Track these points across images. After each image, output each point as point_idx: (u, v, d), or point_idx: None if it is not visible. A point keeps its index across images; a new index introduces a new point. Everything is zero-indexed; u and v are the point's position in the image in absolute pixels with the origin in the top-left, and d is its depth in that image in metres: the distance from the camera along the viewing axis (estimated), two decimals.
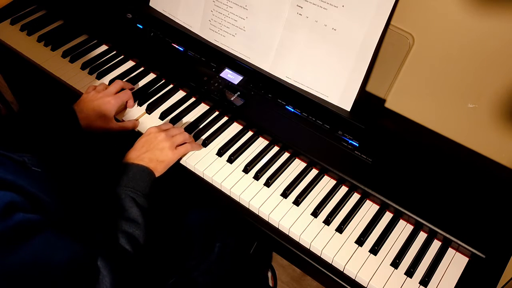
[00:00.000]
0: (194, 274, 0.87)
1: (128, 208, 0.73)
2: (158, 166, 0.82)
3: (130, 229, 0.71)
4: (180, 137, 0.86)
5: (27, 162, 0.65)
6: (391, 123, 0.96)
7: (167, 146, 0.83)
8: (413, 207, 0.80)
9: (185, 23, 1.10)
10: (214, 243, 0.92)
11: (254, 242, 1.20)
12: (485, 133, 0.87)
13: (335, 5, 0.87)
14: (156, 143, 0.83)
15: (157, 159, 0.82)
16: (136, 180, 0.77)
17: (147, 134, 0.85)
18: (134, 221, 0.73)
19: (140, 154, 0.82)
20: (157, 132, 0.85)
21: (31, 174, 0.63)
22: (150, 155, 0.82)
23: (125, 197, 0.74)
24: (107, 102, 0.90)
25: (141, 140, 0.84)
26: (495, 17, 0.75)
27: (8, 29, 1.13)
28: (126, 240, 0.70)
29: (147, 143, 0.84)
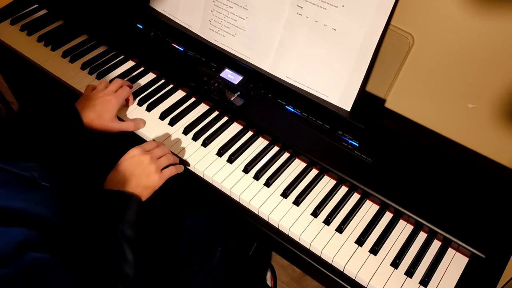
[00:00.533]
0: (196, 278, 0.87)
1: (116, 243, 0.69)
2: (144, 192, 0.77)
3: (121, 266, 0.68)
4: (165, 160, 0.82)
5: (36, 177, 0.63)
6: (391, 123, 0.96)
7: (153, 170, 0.78)
8: (413, 207, 0.80)
9: (185, 23, 1.10)
10: (215, 247, 0.92)
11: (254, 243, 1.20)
12: (485, 133, 0.87)
13: (335, 5, 0.87)
14: (141, 167, 0.78)
15: (143, 185, 0.77)
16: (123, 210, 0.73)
17: (130, 157, 0.79)
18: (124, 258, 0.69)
19: (125, 178, 0.76)
20: (142, 155, 0.79)
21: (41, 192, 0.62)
22: (136, 181, 0.76)
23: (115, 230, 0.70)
24: (108, 101, 0.88)
25: (124, 164, 0.78)
26: (495, 17, 0.75)
27: (8, 29, 1.13)
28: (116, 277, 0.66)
29: (132, 167, 0.78)
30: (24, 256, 0.52)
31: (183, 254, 0.89)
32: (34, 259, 0.53)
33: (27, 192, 0.60)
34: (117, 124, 0.90)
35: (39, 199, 0.61)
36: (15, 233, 0.54)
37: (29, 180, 0.62)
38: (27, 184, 0.62)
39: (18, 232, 0.54)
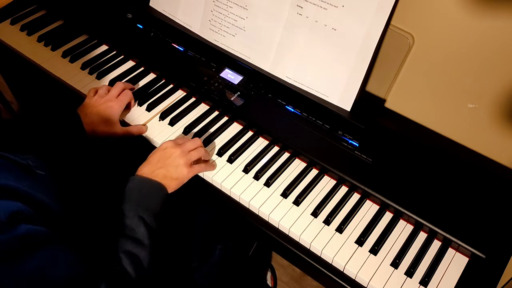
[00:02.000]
0: (196, 276, 0.87)
1: (135, 227, 0.70)
2: (171, 183, 0.78)
3: (135, 250, 0.68)
4: (196, 154, 0.83)
5: (31, 165, 0.64)
6: (391, 123, 0.96)
7: (182, 163, 0.79)
8: (413, 207, 0.80)
9: (185, 23, 1.10)
10: (215, 245, 0.92)
11: (254, 243, 1.20)
12: (485, 133, 0.87)
13: (335, 5, 0.87)
14: (171, 159, 0.79)
15: (171, 176, 0.78)
16: (147, 197, 0.74)
17: (162, 148, 0.82)
18: (140, 242, 0.69)
19: (155, 169, 0.78)
20: (173, 148, 0.81)
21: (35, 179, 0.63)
22: (164, 172, 0.78)
23: (134, 215, 0.71)
24: (110, 107, 0.89)
25: (156, 155, 0.81)
26: (495, 17, 0.75)
27: (8, 29, 1.13)
28: (129, 261, 0.66)
29: (162, 158, 0.80)
30: (18, 226, 0.52)
31: (183, 252, 0.89)
32: (28, 230, 0.53)
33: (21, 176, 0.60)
34: (120, 129, 0.90)
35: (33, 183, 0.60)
36: (8, 204, 0.54)
37: (24, 167, 0.62)
38: (22, 170, 0.62)
39: (10, 204, 0.54)
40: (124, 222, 0.70)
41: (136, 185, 0.76)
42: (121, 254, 0.66)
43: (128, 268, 0.66)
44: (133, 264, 0.67)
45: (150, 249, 0.70)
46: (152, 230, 0.72)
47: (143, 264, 0.68)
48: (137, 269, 0.67)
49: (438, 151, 0.90)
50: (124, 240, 0.68)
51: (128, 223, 0.70)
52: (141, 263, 0.68)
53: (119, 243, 0.68)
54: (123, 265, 0.66)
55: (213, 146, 0.91)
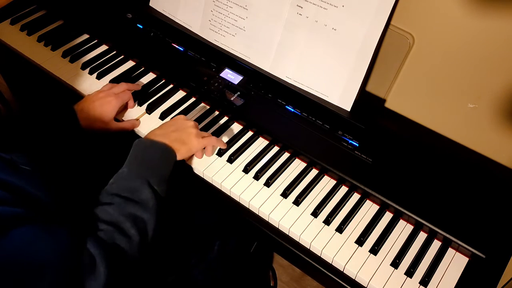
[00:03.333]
0: (194, 273, 0.88)
1: (139, 189, 0.66)
2: (181, 147, 0.80)
3: (138, 212, 0.64)
4: (207, 133, 0.87)
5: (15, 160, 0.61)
6: (391, 123, 0.96)
7: (194, 132, 0.83)
8: (413, 207, 0.80)
9: (185, 23, 1.10)
10: (214, 242, 0.92)
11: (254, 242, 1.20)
12: (485, 133, 0.87)
13: (335, 5, 0.87)
14: (184, 126, 0.83)
15: (182, 140, 0.81)
16: (155, 159, 0.73)
17: (176, 118, 0.86)
18: (144, 204, 0.65)
19: (167, 132, 0.81)
20: (186, 120, 0.86)
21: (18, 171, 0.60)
22: (176, 135, 0.81)
23: (137, 177, 0.68)
24: (108, 102, 0.89)
25: (170, 121, 0.85)
26: (495, 17, 0.75)
27: (8, 29, 1.13)
28: (131, 223, 0.62)
29: (176, 123, 0.84)
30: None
31: (182, 249, 0.89)
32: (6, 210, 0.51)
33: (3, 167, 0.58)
34: (115, 124, 0.91)
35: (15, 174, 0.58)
36: None
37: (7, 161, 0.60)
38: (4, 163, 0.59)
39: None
40: (125, 184, 0.67)
41: (142, 146, 0.74)
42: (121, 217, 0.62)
43: (131, 231, 0.62)
44: (137, 226, 0.63)
45: (155, 213, 0.66)
46: (158, 194, 0.68)
47: (147, 228, 0.64)
48: (141, 232, 0.63)
49: (438, 151, 0.90)
50: (125, 203, 0.64)
51: (131, 185, 0.67)
52: (145, 226, 0.64)
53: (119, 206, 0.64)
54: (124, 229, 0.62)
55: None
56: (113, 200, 0.65)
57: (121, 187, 0.67)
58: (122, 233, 0.62)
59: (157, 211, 0.67)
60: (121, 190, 0.67)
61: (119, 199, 0.65)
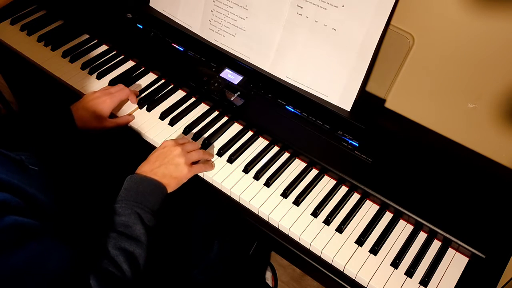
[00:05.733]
0: (194, 273, 0.88)
1: (132, 224, 0.69)
2: (171, 182, 0.78)
3: (131, 248, 0.67)
4: (196, 155, 0.83)
5: (25, 161, 0.63)
6: (391, 123, 0.96)
7: (182, 162, 0.80)
8: (413, 207, 0.80)
9: (185, 23, 1.10)
10: (213, 243, 0.92)
11: (254, 242, 1.20)
12: (485, 133, 0.87)
13: (335, 5, 0.87)
14: (171, 157, 0.80)
15: (170, 175, 0.78)
16: (146, 195, 0.74)
17: (163, 147, 0.82)
18: (136, 239, 0.68)
19: (154, 168, 0.78)
20: (173, 146, 0.81)
21: (28, 173, 0.62)
22: (164, 170, 0.78)
23: (131, 213, 0.70)
24: (102, 102, 0.90)
25: (156, 153, 0.81)
26: (495, 17, 0.75)
27: (8, 29, 1.13)
28: (124, 258, 0.66)
29: (162, 156, 0.80)
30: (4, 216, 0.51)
31: (182, 250, 0.89)
32: (16, 221, 0.52)
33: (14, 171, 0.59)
34: (109, 122, 0.91)
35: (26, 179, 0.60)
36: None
37: (18, 162, 0.62)
38: (14, 164, 0.61)
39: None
40: (120, 219, 0.70)
41: (134, 183, 0.75)
42: (116, 250, 0.66)
43: (124, 265, 0.65)
44: (129, 261, 0.66)
45: (146, 247, 0.69)
46: (149, 228, 0.71)
47: (139, 262, 0.68)
48: (132, 266, 0.66)
49: (438, 151, 0.90)
50: (120, 237, 0.67)
51: (124, 220, 0.69)
52: (137, 261, 0.67)
53: (113, 240, 0.67)
54: (117, 262, 0.65)
55: (213, 146, 0.91)
56: (109, 233, 0.68)
57: (116, 222, 0.70)
58: (116, 266, 0.65)
59: (149, 244, 0.70)
60: (116, 225, 0.69)
61: (114, 233, 0.68)
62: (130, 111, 0.96)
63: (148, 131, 0.93)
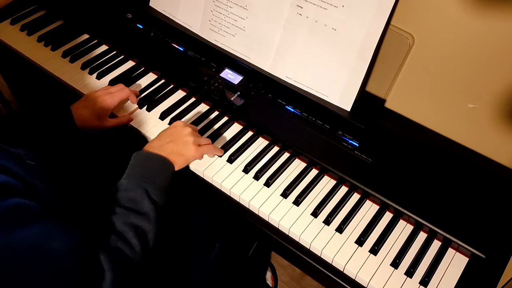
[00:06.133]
0: (194, 275, 0.88)
1: (140, 199, 0.69)
2: (178, 159, 0.80)
3: (140, 223, 0.67)
4: (204, 139, 0.86)
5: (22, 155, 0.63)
6: (391, 123, 0.96)
7: (191, 141, 0.82)
8: (413, 207, 0.80)
9: (185, 23, 1.10)
10: (214, 243, 0.92)
11: (254, 243, 1.20)
12: (485, 133, 0.87)
13: (335, 5, 0.87)
14: (181, 135, 0.82)
15: (179, 152, 0.80)
16: (152, 170, 0.74)
17: (174, 126, 0.84)
18: (145, 214, 0.68)
19: (163, 143, 0.80)
20: (184, 126, 0.84)
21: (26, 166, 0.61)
22: (172, 146, 0.80)
23: (137, 188, 0.70)
24: (103, 101, 0.90)
25: (167, 131, 0.83)
26: (495, 17, 0.75)
27: (8, 29, 1.13)
28: (133, 233, 0.65)
29: (172, 134, 0.82)
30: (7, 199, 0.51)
31: (182, 252, 0.89)
32: (19, 203, 0.52)
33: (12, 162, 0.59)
34: (109, 122, 0.91)
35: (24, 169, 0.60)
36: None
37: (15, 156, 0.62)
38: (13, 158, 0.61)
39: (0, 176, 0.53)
40: (128, 194, 0.69)
41: (141, 159, 0.75)
42: (125, 226, 0.65)
43: (133, 240, 0.65)
44: (138, 236, 0.65)
45: (155, 223, 0.69)
46: (157, 204, 0.71)
47: (148, 237, 0.67)
48: (142, 242, 0.66)
49: (438, 151, 0.90)
50: (128, 213, 0.67)
51: (132, 195, 0.69)
52: (146, 236, 0.67)
53: (121, 216, 0.66)
54: (127, 238, 0.65)
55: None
56: (116, 209, 0.68)
57: (123, 198, 0.69)
58: (125, 242, 0.64)
59: (157, 221, 0.70)
60: (123, 201, 0.69)
61: (121, 209, 0.68)
62: (130, 111, 0.96)
63: (148, 131, 0.93)
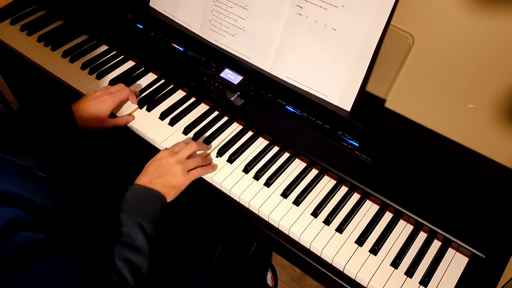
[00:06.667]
0: (195, 278, 0.87)
1: (134, 235, 0.70)
2: (170, 191, 0.79)
3: (134, 258, 0.68)
4: (193, 162, 0.84)
5: (33, 167, 0.64)
6: (391, 123, 0.96)
7: (179, 171, 0.80)
8: (413, 207, 0.80)
9: (185, 23, 1.10)
10: (215, 246, 0.92)
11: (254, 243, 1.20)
12: (485, 133, 0.87)
13: (335, 5, 0.87)
14: (168, 168, 0.80)
15: (169, 184, 0.79)
16: (146, 206, 0.75)
17: (159, 158, 0.82)
18: (139, 249, 0.69)
19: (152, 179, 0.79)
20: (169, 157, 0.82)
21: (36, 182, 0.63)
22: (162, 180, 0.79)
23: (132, 223, 0.71)
24: (103, 101, 0.90)
25: (152, 164, 0.82)
26: (495, 17, 0.75)
27: (8, 29, 1.13)
28: (128, 269, 0.67)
29: (159, 167, 0.81)
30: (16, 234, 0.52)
31: (183, 254, 0.89)
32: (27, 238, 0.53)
33: (22, 180, 0.60)
34: (109, 121, 0.92)
35: (35, 188, 0.61)
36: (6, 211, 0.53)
37: (25, 169, 0.63)
38: (23, 173, 0.62)
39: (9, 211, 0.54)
40: (122, 230, 0.70)
41: (134, 194, 0.76)
42: (120, 262, 0.67)
43: (128, 276, 0.66)
44: (132, 272, 0.67)
45: (149, 256, 0.70)
46: (151, 237, 0.72)
47: (142, 271, 0.69)
48: (136, 277, 0.67)
49: (438, 151, 0.90)
50: (123, 248, 0.68)
51: (126, 231, 0.70)
52: (140, 270, 0.69)
53: (117, 251, 0.68)
54: (122, 273, 0.66)
55: (213, 146, 0.91)
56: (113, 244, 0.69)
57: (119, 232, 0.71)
58: (120, 277, 0.66)
59: (151, 253, 0.71)
60: (119, 235, 0.70)
61: (117, 244, 0.69)
62: (130, 111, 0.96)
63: (148, 131, 0.93)
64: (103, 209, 0.77)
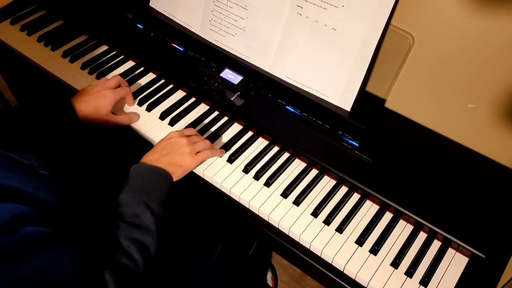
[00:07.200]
0: (195, 276, 0.87)
1: (141, 214, 0.70)
2: (177, 170, 0.80)
3: (141, 237, 0.68)
4: (201, 144, 0.85)
5: (35, 165, 0.64)
6: (391, 123, 0.96)
7: (187, 152, 0.81)
8: (413, 207, 0.80)
9: (185, 23, 1.10)
10: (215, 245, 0.92)
11: (254, 243, 1.20)
12: (485, 133, 0.87)
13: (335, 5, 0.87)
14: (177, 147, 0.82)
15: (176, 164, 0.80)
16: (152, 184, 0.75)
17: (169, 138, 0.84)
18: (147, 228, 0.69)
19: (159, 156, 0.80)
20: (179, 137, 0.83)
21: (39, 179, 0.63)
22: (169, 159, 0.80)
23: (138, 202, 0.71)
24: (104, 95, 0.89)
25: (162, 143, 0.83)
26: (495, 17, 0.75)
27: (8, 29, 1.13)
28: (136, 248, 0.67)
29: (168, 146, 0.82)
30: (20, 229, 0.52)
31: (184, 253, 0.89)
32: (31, 232, 0.53)
33: (25, 177, 0.60)
34: (112, 117, 0.90)
35: (37, 185, 0.61)
36: (10, 207, 0.54)
37: (28, 167, 0.63)
38: (26, 170, 0.62)
39: (12, 207, 0.54)
40: (129, 209, 0.70)
41: (140, 172, 0.76)
42: (127, 241, 0.66)
43: (136, 256, 0.66)
44: (141, 251, 0.67)
45: (157, 236, 0.70)
46: (158, 216, 0.72)
47: (151, 251, 0.68)
48: (144, 257, 0.67)
49: (438, 151, 0.90)
50: (130, 228, 0.68)
51: (133, 210, 0.70)
52: (149, 250, 0.68)
53: (124, 231, 0.67)
54: (130, 253, 0.66)
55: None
56: (119, 224, 0.69)
57: (125, 213, 0.70)
58: (129, 257, 0.66)
59: (159, 233, 0.71)
60: (125, 215, 0.70)
61: (124, 224, 0.69)
62: (129, 111, 0.96)
63: (148, 131, 0.93)
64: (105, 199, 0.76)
